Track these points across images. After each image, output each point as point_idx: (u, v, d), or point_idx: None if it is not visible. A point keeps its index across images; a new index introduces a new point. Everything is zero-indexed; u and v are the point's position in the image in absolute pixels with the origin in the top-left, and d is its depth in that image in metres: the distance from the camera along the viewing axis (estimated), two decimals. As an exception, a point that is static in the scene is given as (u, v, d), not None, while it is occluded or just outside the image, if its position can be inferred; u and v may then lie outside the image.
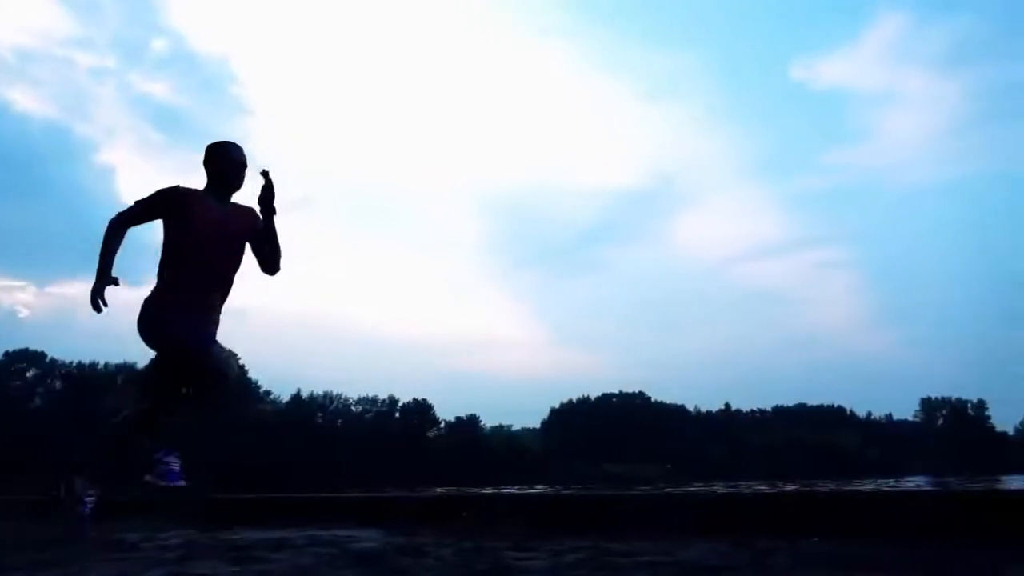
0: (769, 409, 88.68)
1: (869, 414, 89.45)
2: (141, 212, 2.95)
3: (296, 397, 71.49)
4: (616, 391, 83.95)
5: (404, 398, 77.95)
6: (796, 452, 73.00)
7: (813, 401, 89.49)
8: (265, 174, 3.02)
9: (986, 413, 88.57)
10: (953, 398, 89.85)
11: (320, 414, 72.97)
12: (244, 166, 3.07)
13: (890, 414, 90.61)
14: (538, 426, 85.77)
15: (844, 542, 1.97)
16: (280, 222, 3.07)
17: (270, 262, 3.13)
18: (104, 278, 2.81)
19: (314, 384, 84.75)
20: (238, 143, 3.13)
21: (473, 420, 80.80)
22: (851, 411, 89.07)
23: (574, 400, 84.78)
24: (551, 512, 2.62)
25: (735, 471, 63.82)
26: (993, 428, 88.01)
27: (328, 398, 74.70)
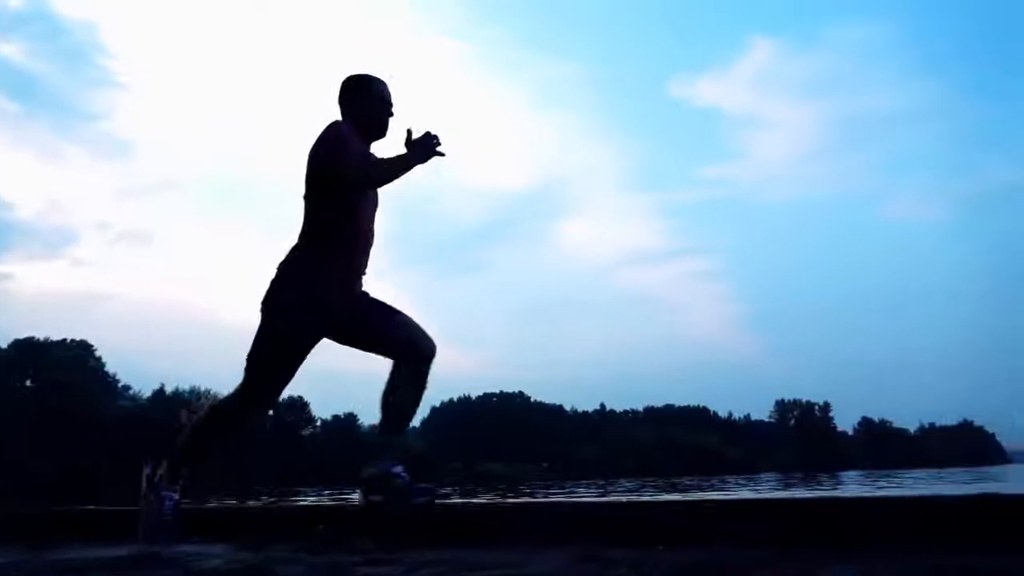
0: (640, 409, 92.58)
1: (730, 414, 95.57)
2: (356, 146, 2.37)
3: (159, 393, 67.08)
4: (497, 391, 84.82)
5: (279, 395, 75.00)
6: (665, 451, 76.73)
7: (680, 402, 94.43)
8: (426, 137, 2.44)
9: (830, 415, 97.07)
10: (803, 400, 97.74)
11: (184, 411, 68.81)
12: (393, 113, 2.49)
13: (748, 415, 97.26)
14: (417, 425, 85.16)
15: (689, 551, 2.07)
16: (146, 206, 2.72)
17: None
18: (408, 153, 2.28)
19: (180, 379, 79.90)
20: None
21: (351, 418, 79.01)
22: (714, 412, 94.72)
23: (455, 399, 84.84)
24: (410, 522, 2.60)
25: (609, 469, 66.18)
26: (835, 428, 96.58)
27: (195, 394, 70.56)
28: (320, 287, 2.37)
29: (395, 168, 2.27)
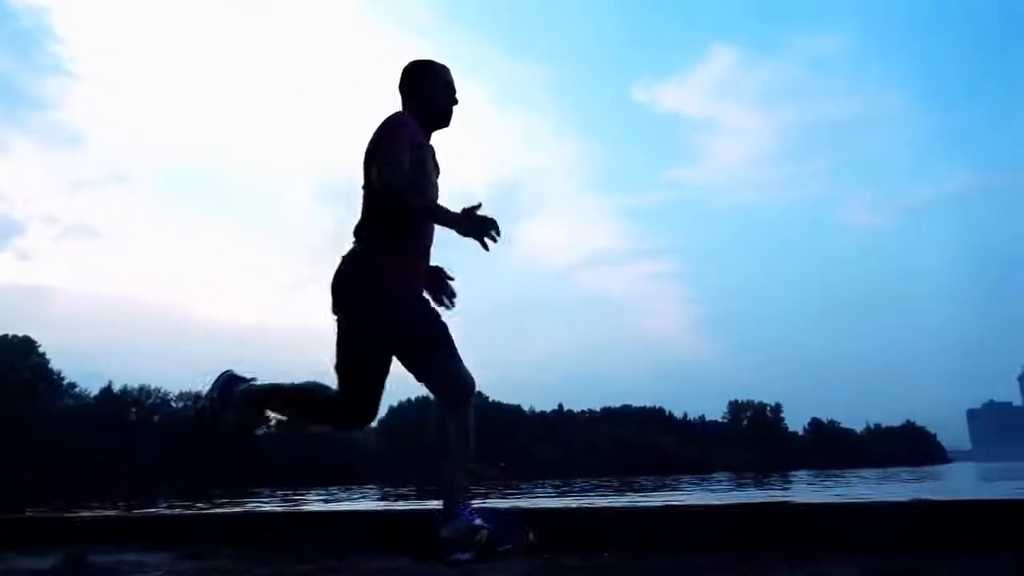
0: (598, 410, 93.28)
1: (685, 415, 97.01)
2: (406, 146, 2.16)
3: (107, 391, 65.13)
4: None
5: (232, 394, 73.54)
6: (621, 451, 77.46)
7: (637, 402, 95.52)
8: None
9: (781, 415, 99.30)
10: (756, 401, 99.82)
11: (134, 409, 66.90)
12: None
13: (703, 415, 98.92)
14: (375, 424, 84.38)
15: (639, 558, 2.08)
16: (96, 198, 2.47)
17: None
18: (464, 212, 2.04)
19: (128, 376, 77.78)
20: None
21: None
22: (670, 412, 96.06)
23: (412, 399, 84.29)
24: (359, 529, 2.55)
25: (566, 470, 66.49)
26: (786, 429, 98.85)
27: (144, 392, 68.77)
28: (390, 280, 2.18)
29: (434, 213, 2.10)
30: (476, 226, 2.01)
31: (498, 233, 2.01)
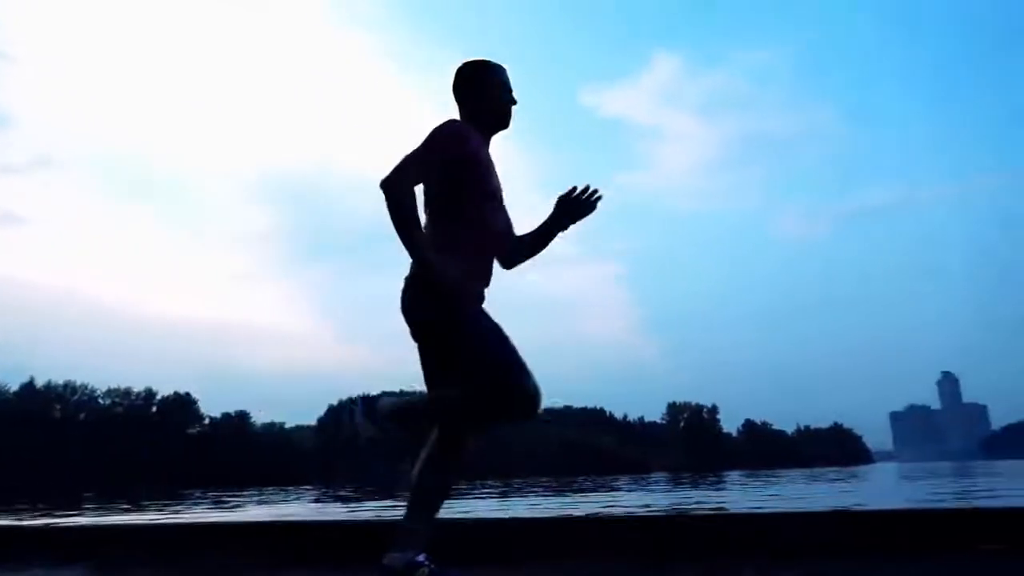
0: (541, 409, 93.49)
1: (625, 416, 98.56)
2: (434, 158, 2.04)
3: (29, 386, 62.10)
4: (397, 389, 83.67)
5: (163, 390, 71.15)
6: (562, 452, 78.14)
7: (579, 403, 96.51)
8: (594, 193, 2.26)
9: (717, 417, 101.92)
10: (693, 403, 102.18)
11: (58, 406, 63.94)
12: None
13: (642, 416, 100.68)
14: (314, 423, 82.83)
15: (570, 566, 2.10)
16: (21, 184, 2.16)
17: (516, 259, 2.36)
18: (442, 260, 1.97)
19: (52, 371, 74.24)
20: None
21: (243, 416, 75.92)
22: (610, 413, 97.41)
23: (353, 397, 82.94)
24: (284, 540, 2.50)
25: (506, 470, 66.58)
26: (722, 430, 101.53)
27: (70, 388, 65.83)
28: (457, 272, 2.05)
29: (416, 243, 1.99)
30: (448, 281, 1.96)
31: (469, 304, 1.99)
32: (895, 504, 7.11)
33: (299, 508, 10.94)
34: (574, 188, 2.24)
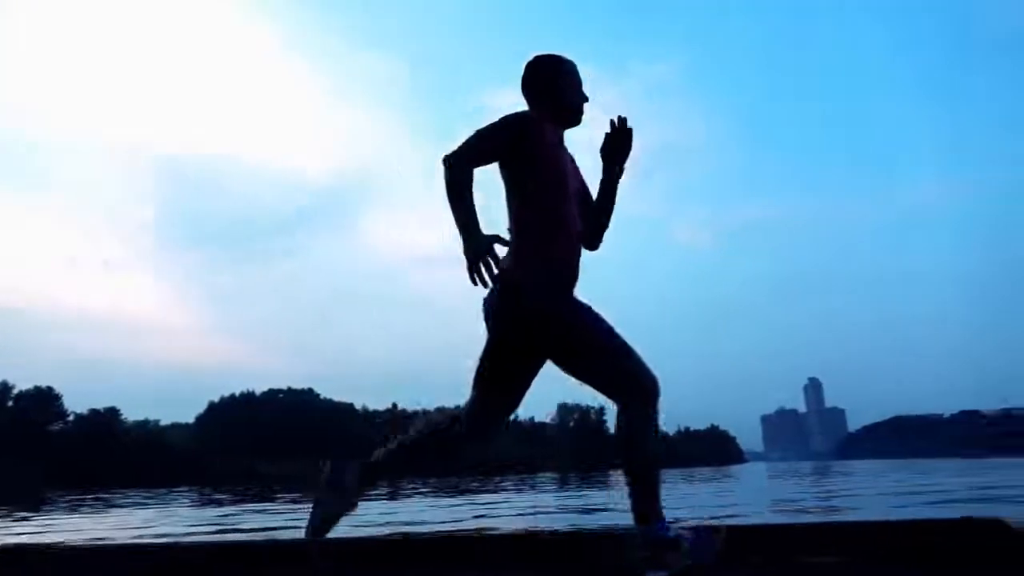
0: (433, 409, 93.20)
1: (516, 416, 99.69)
2: (489, 146, 2.00)
3: None
4: (284, 387, 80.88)
5: (21, 384, 65.41)
6: (453, 451, 78.00)
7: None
8: (623, 121, 2.19)
9: (604, 417, 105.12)
10: (583, 404, 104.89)
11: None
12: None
13: (532, 417, 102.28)
14: (192, 421, 78.55)
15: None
16: None
17: (597, 233, 2.29)
18: (478, 236, 1.88)
19: None
20: None
21: (112, 413, 70.93)
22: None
23: (236, 395, 79.49)
24: (132, 562, 2.37)
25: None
26: (608, 431, 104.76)
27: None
28: (541, 272, 2.01)
29: (460, 219, 1.94)
30: (471, 255, 1.91)
31: (483, 282, 1.91)
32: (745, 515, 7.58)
33: (153, 515, 10.36)
34: (609, 132, 2.20)
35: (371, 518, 7.98)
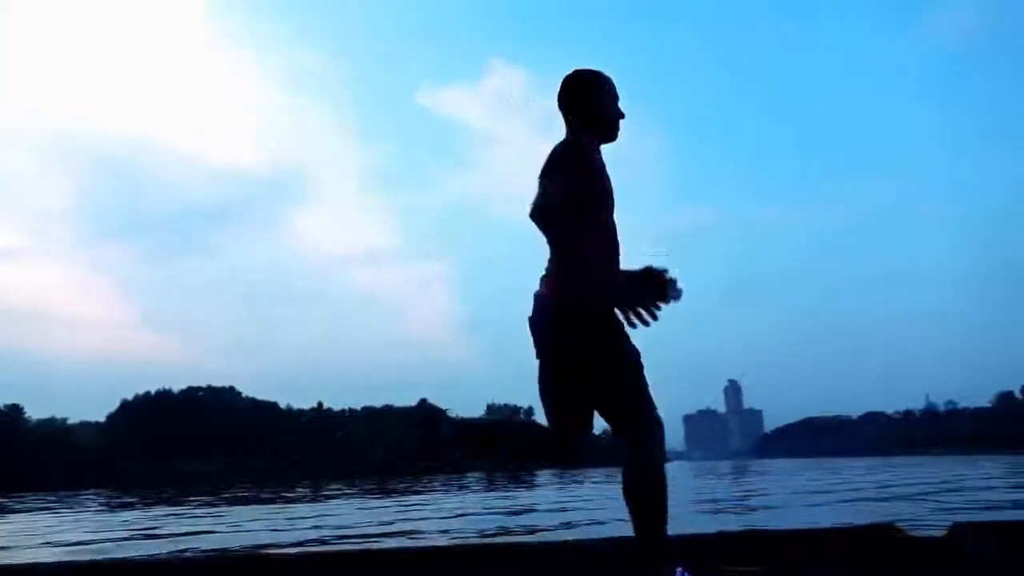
0: (359, 408, 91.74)
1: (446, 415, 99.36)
2: (578, 186, 1.94)
3: None
4: (204, 384, 77.98)
5: (-89, 380, 60.79)
6: (381, 452, 77.06)
7: (400, 403, 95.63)
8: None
9: (533, 417, 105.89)
10: (512, 404, 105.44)
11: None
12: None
13: (461, 417, 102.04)
14: (103, 420, 74.76)
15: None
16: None
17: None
18: (621, 286, 1.92)
19: None
20: None
21: (15, 410, 66.79)
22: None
23: (152, 392, 76.15)
24: None
25: (323, 470, 64.47)
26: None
27: None
28: (599, 287, 1.98)
29: (596, 277, 1.95)
30: (628, 303, 1.89)
31: (647, 319, 1.89)
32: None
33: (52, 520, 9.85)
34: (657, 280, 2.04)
35: (297, 521, 7.80)
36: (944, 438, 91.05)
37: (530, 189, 2.25)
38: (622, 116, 2.19)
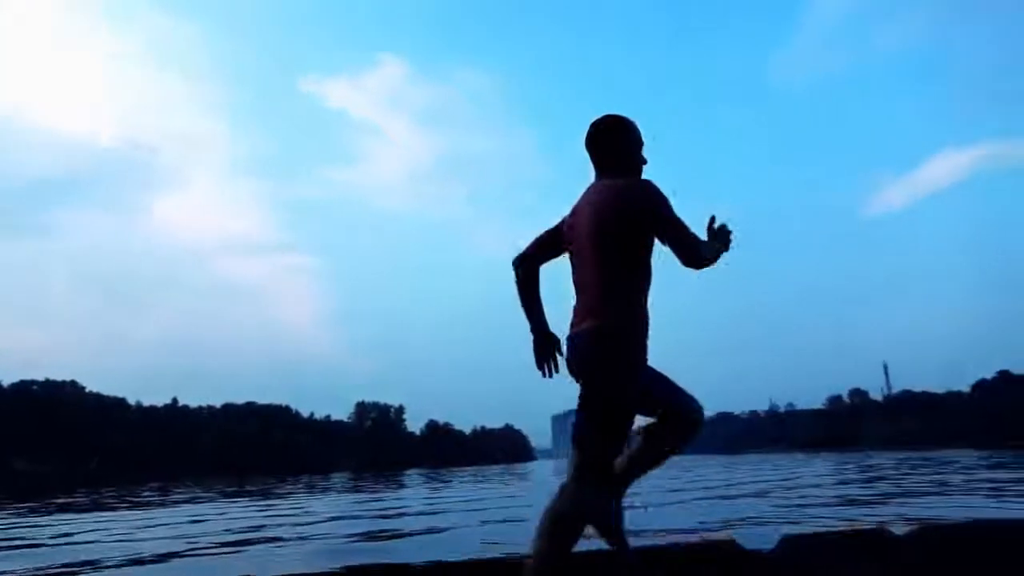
0: (219, 405, 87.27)
1: (312, 414, 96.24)
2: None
3: None
4: (41, 378, 70.95)
5: None
6: (242, 449, 73.52)
7: (263, 399, 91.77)
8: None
9: (403, 417, 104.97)
10: (382, 403, 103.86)
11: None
12: None
13: (329, 415, 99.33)
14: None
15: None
16: None
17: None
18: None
19: None
20: None
21: None
22: (296, 411, 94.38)
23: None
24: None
25: (176, 470, 60.55)
26: (406, 429, 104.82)
27: None
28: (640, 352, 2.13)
29: (716, 254, 2.03)
30: (725, 241, 2.06)
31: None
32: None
33: None
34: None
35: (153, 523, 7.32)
36: (786, 437, 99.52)
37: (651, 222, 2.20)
38: (645, 162, 2.27)
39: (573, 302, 2.17)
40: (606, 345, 2.03)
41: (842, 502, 7.04)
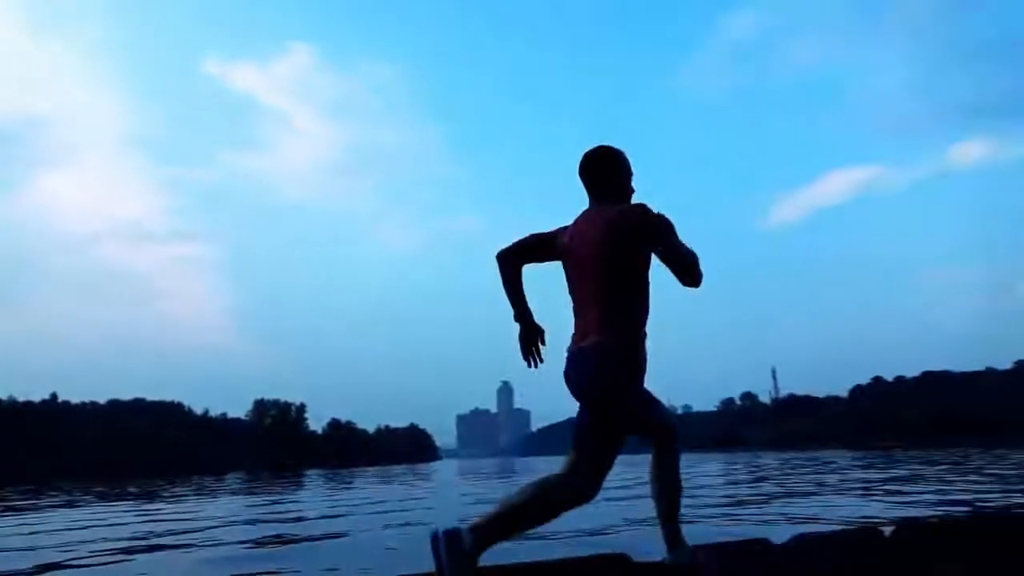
0: (103, 402, 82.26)
1: (207, 411, 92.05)
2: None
3: None
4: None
5: None
6: (129, 449, 69.46)
7: (152, 395, 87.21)
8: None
9: (305, 415, 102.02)
10: (282, 400, 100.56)
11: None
12: None
13: (225, 413, 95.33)
14: None
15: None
16: None
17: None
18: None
19: None
20: None
21: None
22: (189, 408, 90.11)
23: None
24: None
25: (55, 471, 56.54)
26: (308, 428, 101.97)
27: None
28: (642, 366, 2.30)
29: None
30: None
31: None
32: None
33: None
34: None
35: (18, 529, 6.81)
36: (683, 437, 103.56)
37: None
38: (633, 191, 2.44)
39: (572, 318, 2.33)
40: (611, 360, 2.18)
41: (731, 502, 7.40)
